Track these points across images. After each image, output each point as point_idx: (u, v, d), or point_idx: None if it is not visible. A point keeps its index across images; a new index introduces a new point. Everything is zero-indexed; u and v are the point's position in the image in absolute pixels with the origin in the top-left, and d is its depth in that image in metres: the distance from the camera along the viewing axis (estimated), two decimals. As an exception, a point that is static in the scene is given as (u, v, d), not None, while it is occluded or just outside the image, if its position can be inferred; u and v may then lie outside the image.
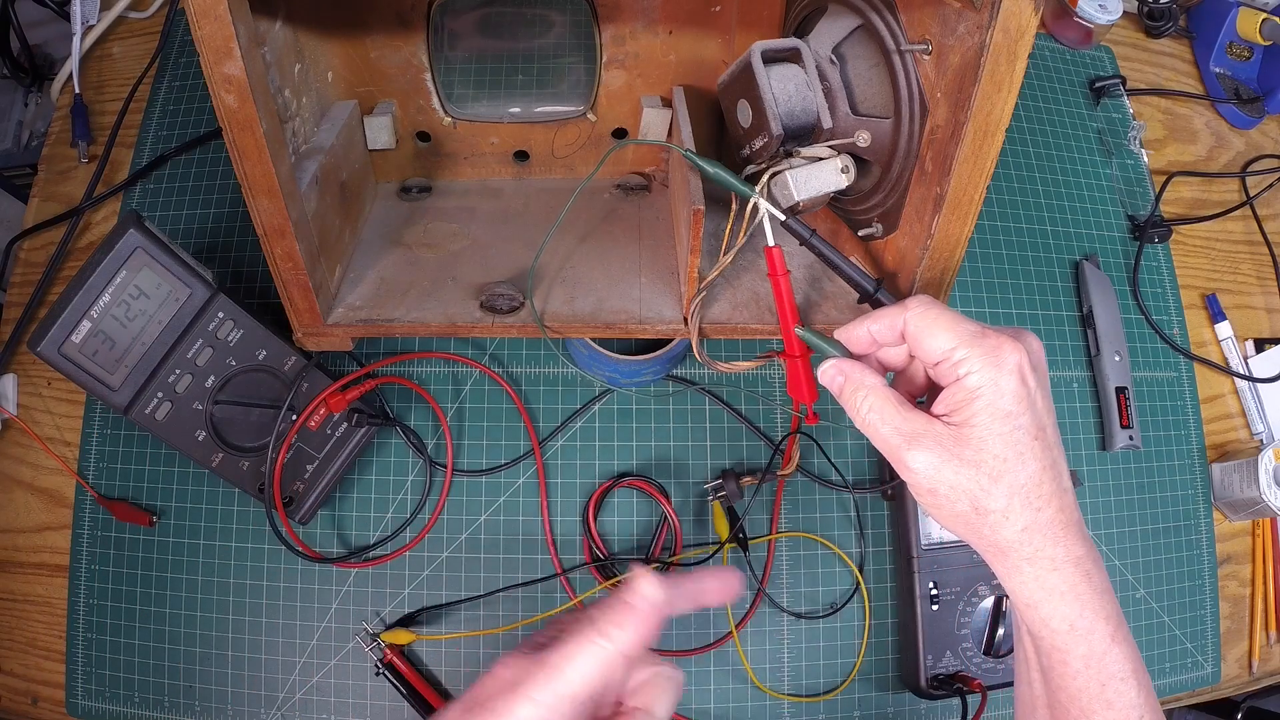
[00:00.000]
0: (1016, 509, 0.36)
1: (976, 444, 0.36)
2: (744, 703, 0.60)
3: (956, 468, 0.36)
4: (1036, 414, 0.36)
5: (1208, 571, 0.69)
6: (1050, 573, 0.36)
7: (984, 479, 0.36)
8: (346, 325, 0.52)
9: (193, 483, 0.61)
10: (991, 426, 0.36)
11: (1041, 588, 0.36)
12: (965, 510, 0.36)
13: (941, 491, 0.36)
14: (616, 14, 0.55)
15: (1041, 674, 0.39)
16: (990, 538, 0.37)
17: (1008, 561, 0.37)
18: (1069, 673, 0.37)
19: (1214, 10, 0.86)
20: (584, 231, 0.58)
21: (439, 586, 0.60)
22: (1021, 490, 0.36)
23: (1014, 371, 0.36)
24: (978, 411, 0.36)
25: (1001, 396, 0.36)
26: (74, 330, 0.49)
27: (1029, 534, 0.36)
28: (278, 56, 0.49)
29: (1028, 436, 0.36)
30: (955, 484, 0.36)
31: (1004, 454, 0.36)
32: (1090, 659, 0.37)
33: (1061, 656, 0.37)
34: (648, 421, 0.63)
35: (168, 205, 0.68)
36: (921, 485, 0.37)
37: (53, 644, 0.60)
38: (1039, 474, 0.36)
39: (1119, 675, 0.37)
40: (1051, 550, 0.36)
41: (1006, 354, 0.36)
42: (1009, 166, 0.76)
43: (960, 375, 0.36)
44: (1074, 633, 0.36)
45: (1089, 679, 0.37)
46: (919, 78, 0.45)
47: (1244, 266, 0.80)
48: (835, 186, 0.48)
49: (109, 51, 0.76)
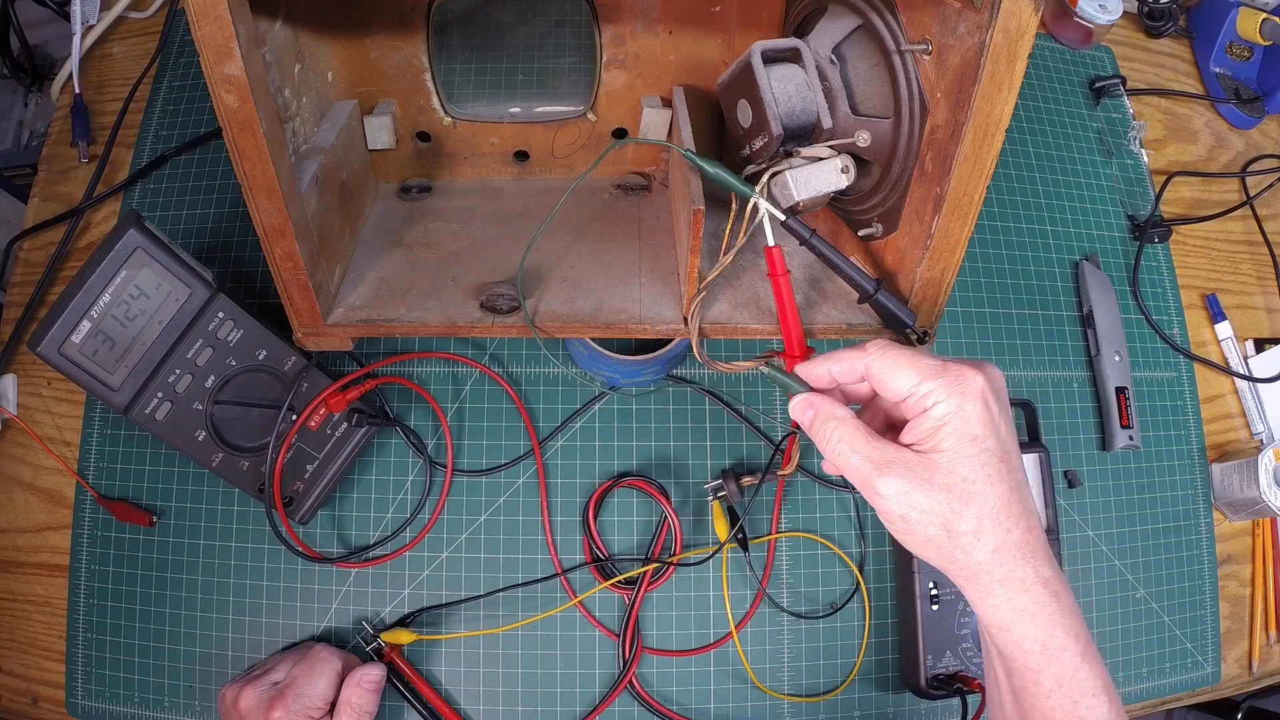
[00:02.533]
0: (987, 530, 0.37)
1: (946, 468, 0.37)
2: (744, 703, 0.60)
3: (927, 492, 0.37)
4: (1001, 438, 0.37)
5: (1208, 571, 0.69)
6: (1021, 594, 0.37)
7: (955, 502, 0.37)
8: (346, 325, 0.52)
9: (193, 483, 0.61)
10: (960, 450, 0.37)
11: (1013, 609, 0.37)
12: (937, 534, 0.37)
13: (913, 517, 0.37)
14: (616, 14, 0.55)
15: (1013, 695, 0.39)
16: (962, 561, 0.37)
17: (979, 584, 0.37)
18: (1042, 693, 0.37)
19: (1214, 10, 0.86)
20: (584, 231, 0.58)
21: (439, 586, 0.60)
22: (991, 512, 0.37)
23: (978, 397, 0.37)
24: (945, 437, 0.37)
25: (968, 421, 0.37)
26: (74, 330, 0.49)
27: (999, 555, 0.37)
28: (278, 56, 0.49)
29: (994, 459, 0.37)
30: (926, 508, 0.37)
31: (973, 476, 0.37)
32: (1062, 678, 0.37)
33: (1034, 677, 0.37)
34: (648, 421, 0.63)
35: (168, 205, 0.68)
36: (893, 511, 0.38)
37: (53, 644, 0.60)
38: (1007, 495, 0.37)
39: (1091, 692, 0.37)
40: (1021, 571, 0.37)
41: (970, 381, 0.37)
42: (1009, 166, 0.76)
43: (927, 406, 0.37)
44: (1046, 653, 0.37)
45: (1062, 698, 0.37)
46: (919, 78, 0.45)
47: (1244, 266, 0.80)
48: (835, 186, 0.48)
49: (109, 51, 0.76)
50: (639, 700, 0.59)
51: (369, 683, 0.53)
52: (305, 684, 0.52)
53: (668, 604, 0.60)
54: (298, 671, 0.52)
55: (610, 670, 0.59)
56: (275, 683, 0.52)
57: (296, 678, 0.52)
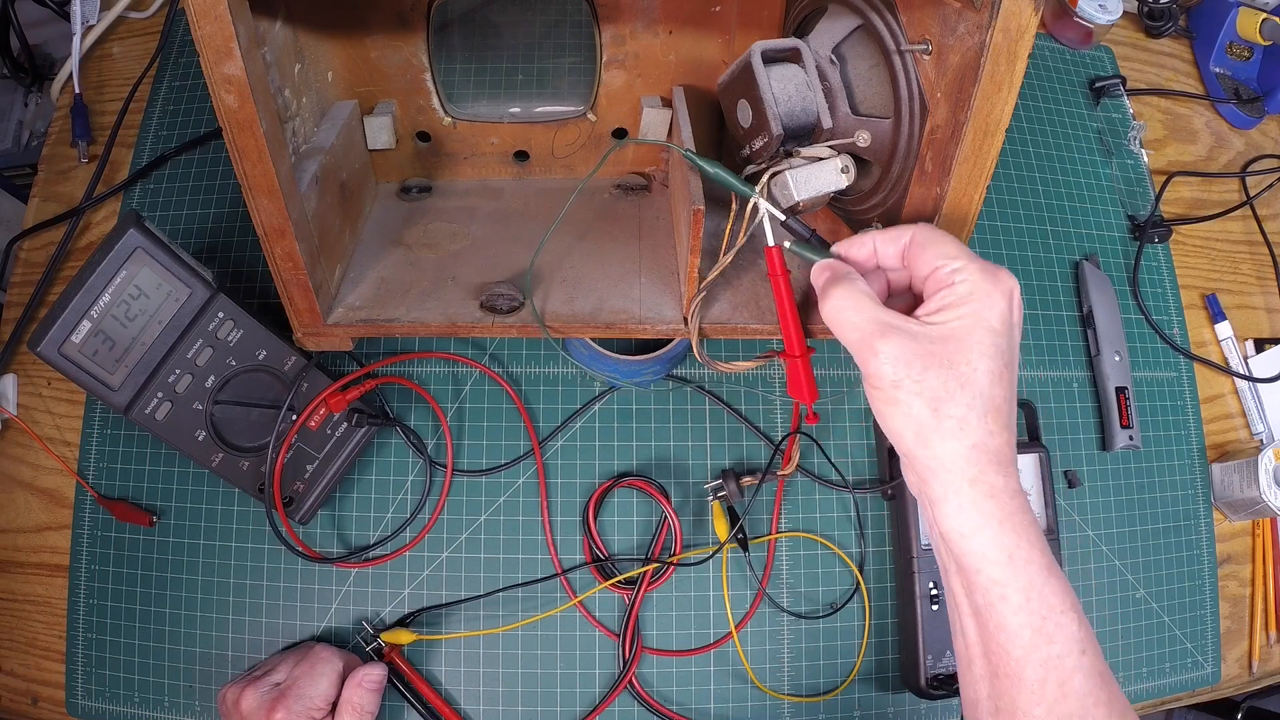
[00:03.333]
0: (973, 423, 0.35)
1: (956, 344, 0.35)
2: (744, 703, 0.60)
3: (927, 363, 0.35)
4: (1012, 347, 0.36)
5: (1208, 571, 0.69)
6: (989, 499, 0.35)
7: (952, 382, 0.35)
8: (346, 325, 0.52)
9: (193, 483, 0.61)
10: (974, 334, 0.35)
11: (979, 513, 0.35)
12: (921, 413, 0.35)
13: (904, 385, 0.35)
14: (616, 14, 0.55)
15: (975, 617, 0.37)
16: (938, 449, 0.35)
17: (949, 480, 0.35)
18: (1009, 609, 0.35)
19: (1214, 10, 0.86)
20: (584, 231, 0.58)
21: (439, 586, 0.60)
22: (982, 407, 0.35)
23: (1007, 295, 0.36)
24: (965, 315, 0.35)
25: (991, 310, 0.36)
26: (74, 330, 0.49)
27: (977, 453, 0.35)
28: (278, 56, 0.49)
29: (1001, 360, 0.35)
30: (921, 380, 0.35)
31: (977, 364, 0.35)
32: (1030, 591, 0.35)
33: (1000, 591, 0.35)
34: (648, 421, 0.63)
35: (168, 205, 0.68)
36: (885, 376, 0.36)
37: (53, 644, 0.60)
38: (1004, 401, 0.35)
39: (1058, 609, 0.35)
40: (994, 478, 0.35)
41: (1004, 278, 0.36)
42: (1009, 166, 0.76)
43: (955, 282, 0.36)
44: (1013, 563, 0.35)
45: (1030, 614, 0.35)
46: (919, 78, 0.45)
47: (1244, 266, 0.80)
48: (835, 186, 0.48)
49: (109, 51, 0.76)
50: (639, 700, 0.59)
51: (371, 683, 0.54)
52: (307, 685, 0.52)
53: (668, 604, 0.60)
54: (299, 672, 0.52)
55: (610, 670, 0.59)
56: (276, 684, 0.52)
57: (298, 678, 0.52)
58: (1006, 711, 0.36)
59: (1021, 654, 0.35)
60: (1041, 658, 0.35)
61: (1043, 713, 0.35)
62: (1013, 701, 0.36)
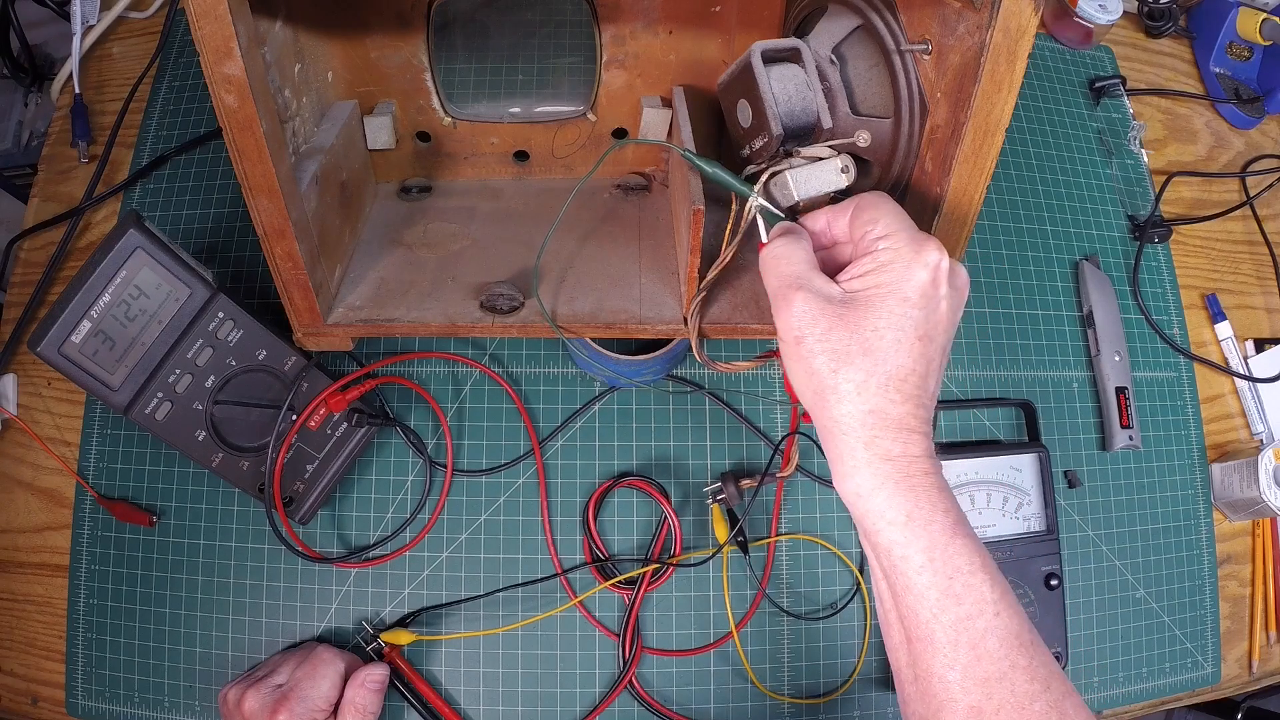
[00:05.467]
0: (872, 390, 0.35)
1: (862, 311, 0.36)
2: (744, 703, 0.60)
3: (832, 323, 0.36)
4: (931, 321, 0.36)
5: (1208, 571, 0.69)
6: (884, 461, 0.35)
7: (854, 346, 0.36)
8: (346, 325, 0.52)
9: (193, 483, 0.61)
10: (884, 303, 0.36)
11: (874, 474, 0.35)
12: (822, 370, 0.36)
13: (806, 342, 0.36)
14: (616, 14, 0.55)
15: (886, 580, 0.36)
16: (834, 410, 0.36)
17: (845, 441, 0.36)
18: (911, 569, 0.35)
19: (1214, 10, 0.86)
20: (584, 231, 0.58)
21: (439, 586, 0.60)
22: (883, 374, 0.35)
23: (928, 267, 0.36)
24: (878, 284, 0.36)
25: (906, 282, 0.36)
26: (74, 330, 0.49)
27: (874, 418, 0.35)
28: (278, 56, 0.49)
29: (913, 332, 0.36)
30: (824, 340, 0.36)
31: (882, 331, 0.35)
32: (933, 551, 0.35)
33: (901, 552, 0.35)
34: (648, 421, 0.63)
35: (168, 205, 0.68)
36: (791, 329, 0.37)
37: (53, 644, 0.60)
38: (908, 370, 0.36)
39: (966, 569, 0.35)
40: (890, 445, 0.35)
41: (930, 251, 0.36)
42: (1009, 166, 0.76)
43: (878, 249, 0.37)
44: (911, 523, 0.35)
45: (934, 574, 0.35)
46: (919, 78, 0.45)
47: (1244, 266, 0.80)
48: (835, 186, 0.48)
49: (109, 51, 0.76)
50: (639, 700, 0.59)
51: (373, 683, 0.54)
52: (309, 686, 0.52)
53: (668, 604, 0.60)
54: (301, 673, 0.52)
55: (610, 670, 0.59)
56: (278, 685, 0.52)
57: (300, 680, 0.52)
58: (924, 678, 0.35)
59: (929, 615, 0.35)
60: (951, 619, 0.34)
61: (958, 676, 0.34)
62: (928, 666, 0.35)
